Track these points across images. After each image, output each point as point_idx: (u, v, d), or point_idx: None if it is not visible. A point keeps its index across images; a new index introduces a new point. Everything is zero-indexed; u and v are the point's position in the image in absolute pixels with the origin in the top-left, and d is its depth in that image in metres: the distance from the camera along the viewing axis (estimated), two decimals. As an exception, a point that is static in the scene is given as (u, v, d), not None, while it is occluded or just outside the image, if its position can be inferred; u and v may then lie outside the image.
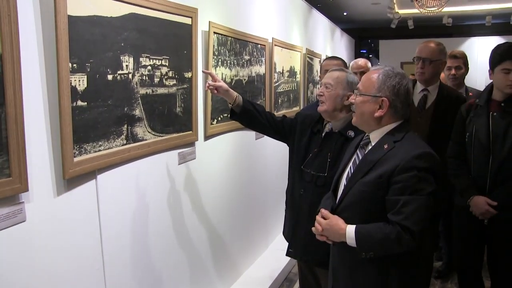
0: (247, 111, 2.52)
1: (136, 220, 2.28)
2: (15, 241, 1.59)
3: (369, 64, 4.02)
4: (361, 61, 4.02)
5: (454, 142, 2.83)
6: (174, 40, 2.48)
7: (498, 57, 2.58)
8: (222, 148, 3.22)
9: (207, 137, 2.95)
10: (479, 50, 9.31)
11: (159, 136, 2.40)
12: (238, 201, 3.51)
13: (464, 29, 10.73)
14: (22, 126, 1.55)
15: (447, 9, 7.22)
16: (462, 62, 3.78)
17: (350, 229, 1.78)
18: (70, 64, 1.75)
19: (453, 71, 3.74)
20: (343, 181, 1.95)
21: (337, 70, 2.48)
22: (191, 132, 2.71)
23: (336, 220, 1.83)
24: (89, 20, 1.85)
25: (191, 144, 2.76)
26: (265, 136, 3.89)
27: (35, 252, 1.68)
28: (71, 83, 1.77)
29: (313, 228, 1.91)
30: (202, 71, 2.69)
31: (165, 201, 2.53)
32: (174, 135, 2.54)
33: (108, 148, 2.02)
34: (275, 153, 4.25)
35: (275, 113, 4.12)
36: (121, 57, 2.07)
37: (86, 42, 1.84)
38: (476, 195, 2.65)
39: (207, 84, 2.44)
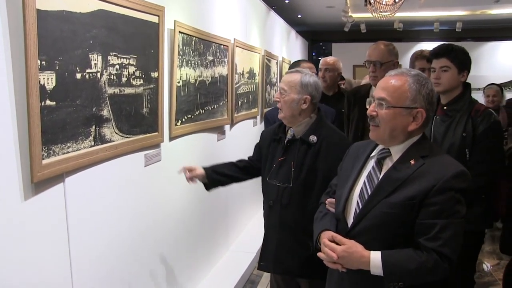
0: (215, 180, 2.54)
1: (104, 223, 2.20)
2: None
3: (339, 63, 4.04)
4: (329, 58, 4.05)
5: None
6: (142, 39, 2.42)
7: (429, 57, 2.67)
8: (186, 150, 3.16)
9: (171, 138, 2.89)
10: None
11: (126, 137, 2.33)
12: (200, 202, 3.46)
13: (413, 34, 11.10)
14: (-11, 127, 1.46)
15: (398, 15, 7.43)
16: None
17: (375, 257, 1.57)
18: (38, 62, 1.66)
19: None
20: (355, 199, 1.72)
21: (291, 72, 2.39)
22: (157, 133, 2.65)
23: (356, 247, 1.61)
24: (58, 15, 1.77)
25: (157, 145, 2.70)
26: (226, 138, 3.91)
27: (1, 259, 1.58)
28: (39, 81, 1.68)
29: (320, 254, 1.69)
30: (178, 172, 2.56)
31: (131, 204, 2.46)
32: (141, 136, 2.47)
33: (76, 150, 1.93)
34: (236, 153, 4.22)
35: (235, 115, 4.13)
36: (90, 55, 1.98)
37: (55, 39, 1.76)
38: None
39: (186, 176, 2.49)
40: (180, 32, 2.85)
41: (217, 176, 2.54)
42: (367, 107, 1.75)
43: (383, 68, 2.95)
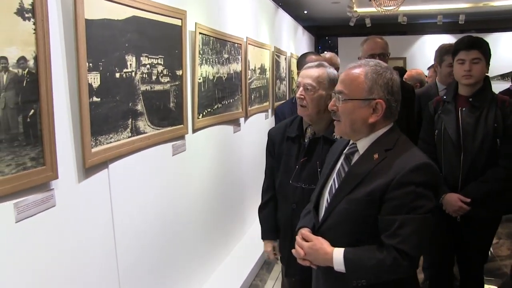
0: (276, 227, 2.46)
1: (140, 203, 2.50)
2: (46, 224, 1.76)
3: (337, 58, 4.25)
4: (327, 54, 4.24)
5: (423, 141, 2.79)
6: (167, 41, 2.68)
7: (453, 49, 2.67)
8: (206, 141, 3.43)
9: (194, 130, 3.15)
10: (430, 47, 9.88)
11: (157, 129, 2.59)
12: (220, 188, 3.75)
13: (417, 27, 11.27)
14: (53, 120, 1.73)
15: (402, 8, 7.64)
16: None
17: (338, 254, 1.55)
18: (87, 64, 1.93)
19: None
20: (326, 195, 1.71)
21: (314, 67, 2.23)
22: (182, 125, 2.91)
23: (321, 243, 1.60)
24: (100, 23, 2.03)
25: (182, 137, 2.96)
26: (242, 130, 4.17)
27: (62, 234, 1.85)
28: (88, 80, 1.95)
29: (293, 251, 1.69)
30: None
31: (162, 187, 2.74)
32: (169, 128, 2.74)
33: (117, 140, 2.20)
34: (250, 145, 4.51)
35: (249, 108, 4.39)
36: (126, 57, 2.25)
37: (98, 43, 2.02)
38: (447, 192, 2.61)
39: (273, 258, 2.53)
40: (200, 33, 3.12)
41: (277, 228, 2.46)
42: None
43: (385, 61, 3.00)
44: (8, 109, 1.54)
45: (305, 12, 9.71)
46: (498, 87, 7.28)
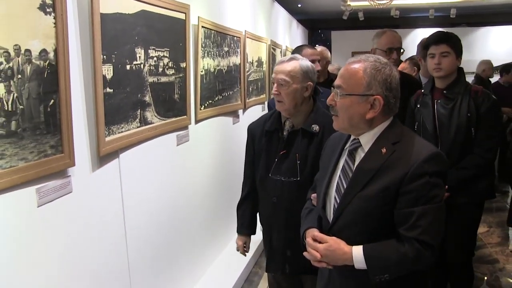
0: (254, 225, 2.55)
1: (148, 190, 2.60)
2: (64, 209, 1.85)
3: (327, 52, 4.29)
4: (319, 48, 4.23)
5: None
6: (172, 34, 2.76)
7: (425, 43, 2.79)
8: (208, 132, 3.53)
9: (197, 121, 3.24)
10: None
11: (163, 120, 2.68)
12: (221, 176, 3.86)
13: (410, 21, 11.40)
14: (70, 110, 1.81)
15: (395, 2, 7.75)
16: None
17: (357, 252, 1.53)
18: (101, 56, 2.02)
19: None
20: (333, 194, 1.67)
21: (286, 61, 2.21)
22: (185, 116, 3.00)
23: (338, 244, 1.58)
24: (113, 17, 2.11)
25: (185, 127, 3.05)
26: (240, 121, 4.26)
27: (78, 219, 1.94)
28: (102, 72, 2.03)
29: (306, 254, 1.66)
30: None
31: (168, 176, 2.84)
32: (173, 119, 2.83)
33: (127, 130, 2.29)
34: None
35: (247, 100, 4.48)
36: (135, 49, 2.33)
37: (111, 37, 2.10)
38: None
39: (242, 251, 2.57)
40: (202, 26, 3.20)
41: (253, 224, 2.55)
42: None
43: (399, 54, 3.07)
44: (31, 99, 1.62)
45: (299, 5, 9.78)
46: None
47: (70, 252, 1.89)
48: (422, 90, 2.83)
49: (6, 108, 1.50)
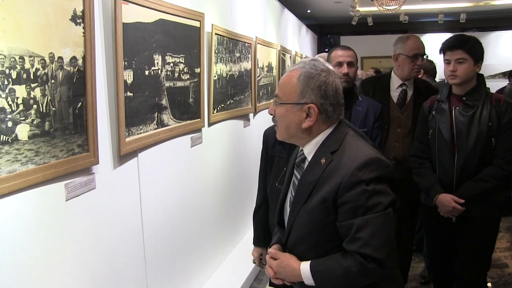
0: (268, 238, 2.34)
1: (164, 188, 2.74)
2: (88, 205, 2.00)
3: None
4: (323, 54, 4.31)
5: (417, 140, 2.77)
6: (188, 41, 2.91)
7: (440, 48, 2.63)
8: (220, 134, 3.67)
9: (210, 124, 3.39)
10: (432, 45, 10.10)
11: (178, 122, 2.83)
12: (232, 178, 4.00)
13: (419, 26, 11.51)
14: (95, 112, 1.96)
15: (404, 7, 7.85)
16: None
17: (305, 268, 1.48)
18: (123, 62, 2.17)
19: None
20: (287, 208, 1.63)
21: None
22: (199, 119, 3.15)
23: (288, 260, 1.54)
24: (134, 26, 2.27)
25: (199, 130, 3.20)
26: (251, 125, 4.41)
27: (101, 214, 2.10)
28: (123, 77, 2.18)
29: (266, 271, 1.64)
30: None
31: (182, 175, 2.99)
32: (188, 122, 2.98)
33: (145, 132, 2.44)
34: (258, 139, 4.72)
35: (258, 104, 4.62)
36: (154, 56, 2.49)
37: (132, 44, 2.26)
38: (441, 193, 2.58)
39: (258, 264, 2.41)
40: (216, 33, 3.35)
41: (268, 235, 2.39)
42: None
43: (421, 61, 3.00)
44: (62, 102, 1.78)
45: (309, 11, 9.94)
46: (500, 84, 7.53)
47: (92, 244, 2.04)
48: (438, 96, 2.69)
49: (41, 110, 1.66)
